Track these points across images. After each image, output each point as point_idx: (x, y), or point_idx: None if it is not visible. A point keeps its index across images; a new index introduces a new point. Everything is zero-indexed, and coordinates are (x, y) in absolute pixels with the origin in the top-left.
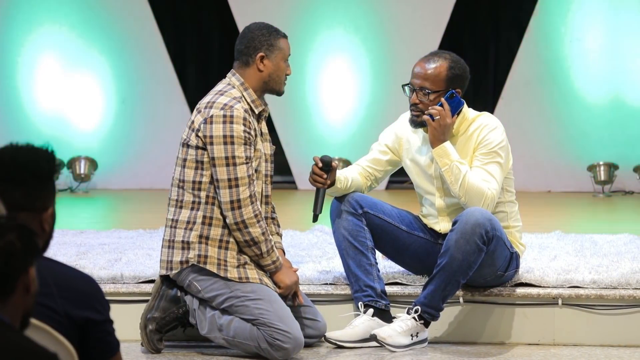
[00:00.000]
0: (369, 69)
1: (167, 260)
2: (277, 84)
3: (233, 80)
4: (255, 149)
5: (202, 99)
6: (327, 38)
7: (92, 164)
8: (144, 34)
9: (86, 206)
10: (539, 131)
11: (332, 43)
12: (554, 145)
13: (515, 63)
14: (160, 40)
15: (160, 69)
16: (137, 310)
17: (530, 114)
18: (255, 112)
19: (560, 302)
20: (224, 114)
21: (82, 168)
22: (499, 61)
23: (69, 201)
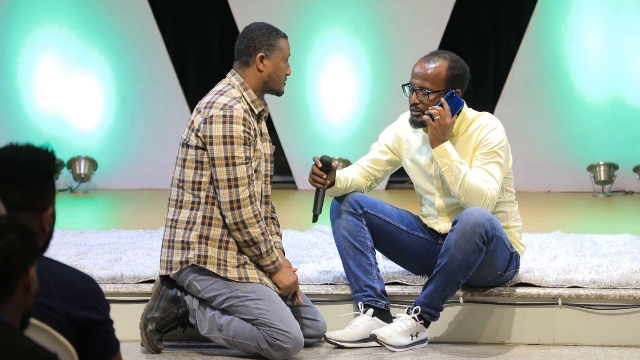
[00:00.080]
0: (369, 69)
1: (167, 260)
2: (277, 84)
3: (233, 80)
4: (255, 149)
5: (202, 99)
6: (327, 38)
7: (92, 164)
8: (144, 34)
9: (86, 206)
10: (539, 131)
11: (332, 43)
12: (554, 145)
13: (515, 63)
14: (160, 40)
15: (160, 69)
16: (137, 310)
17: (530, 114)
18: (255, 112)
19: (560, 302)
20: (223, 114)
21: (82, 168)
22: (499, 61)
23: (69, 201)
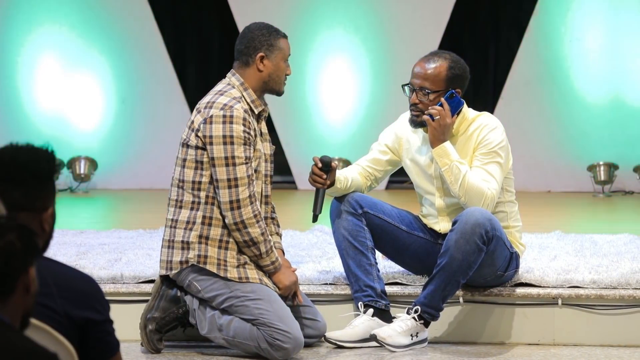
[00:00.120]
0: (369, 69)
1: (167, 260)
2: (277, 84)
3: (233, 80)
4: (254, 149)
5: (202, 99)
6: (327, 38)
7: (92, 164)
8: (144, 34)
9: (86, 206)
10: (539, 131)
11: (332, 43)
12: (554, 145)
13: (515, 63)
14: (160, 40)
15: (160, 69)
16: (137, 310)
17: (530, 114)
18: (255, 112)
19: (560, 302)
20: (223, 114)
21: (82, 168)
22: (499, 61)
23: (69, 201)
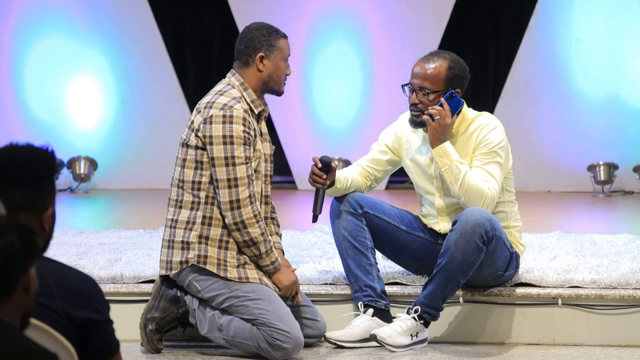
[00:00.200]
0: (369, 69)
1: (167, 260)
2: (277, 84)
3: (233, 80)
4: (254, 149)
5: (202, 99)
6: (327, 38)
7: (92, 164)
8: (144, 34)
9: (86, 206)
10: (539, 131)
11: (332, 43)
12: (554, 145)
13: (515, 63)
14: (160, 40)
15: (160, 69)
16: (137, 310)
17: (530, 114)
18: (255, 112)
19: (560, 302)
20: (223, 114)
21: (82, 168)
22: (499, 61)
23: (69, 201)
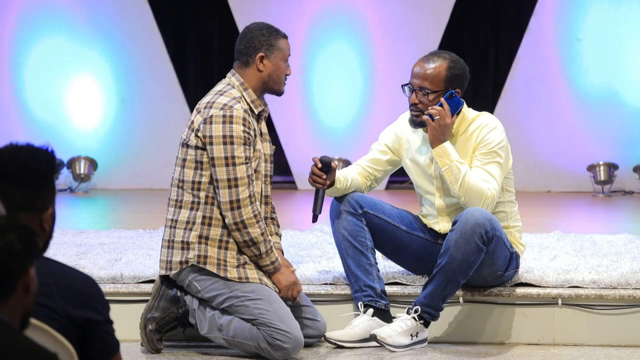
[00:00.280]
0: (369, 68)
1: (167, 260)
2: (277, 84)
3: (233, 80)
4: (254, 149)
5: (202, 99)
6: (327, 38)
7: (92, 164)
8: (144, 34)
9: (86, 206)
10: (539, 131)
11: (332, 43)
12: (554, 145)
13: (515, 63)
14: (160, 40)
15: (160, 69)
16: (137, 310)
17: (530, 114)
18: (255, 112)
19: (560, 302)
20: (223, 114)
21: (82, 168)
22: (499, 61)
23: (69, 201)
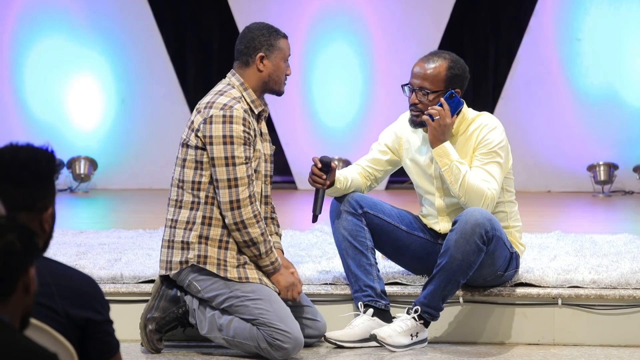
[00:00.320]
0: (369, 68)
1: (167, 260)
2: (277, 84)
3: (233, 80)
4: (254, 149)
5: (202, 99)
6: (327, 38)
7: (92, 164)
8: (144, 34)
9: (86, 206)
10: (538, 131)
11: (332, 43)
12: (553, 145)
13: (515, 63)
14: (160, 40)
15: (160, 69)
16: (137, 310)
17: (530, 114)
18: (255, 112)
19: (560, 302)
20: (223, 114)
21: (82, 168)
22: (499, 61)
23: (69, 201)
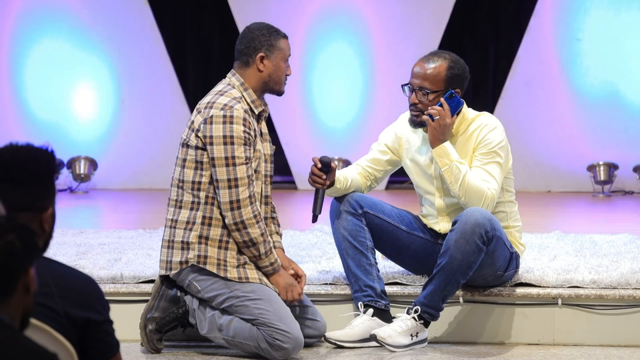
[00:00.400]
0: (369, 68)
1: (167, 260)
2: (277, 84)
3: (233, 80)
4: (254, 149)
5: (202, 99)
6: (327, 38)
7: (92, 164)
8: (144, 34)
9: (86, 206)
10: (538, 131)
11: (332, 43)
12: (553, 145)
13: (515, 63)
14: (160, 40)
15: (160, 69)
16: (137, 310)
17: (530, 114)
18: (255, 112)
19: (560, 302)
20: (223, 114)
21: (81, 168)
22: (499, 61)
23: (69, 201)
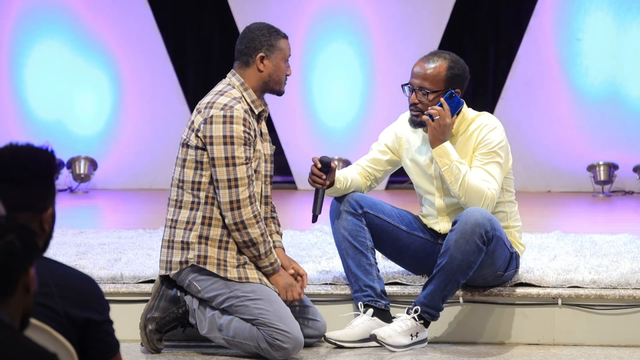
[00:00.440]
0: (369, 68)
1: (167, 260)
2: (277, 84)
3: (233, 80)
4: (254, 150)
5: (202, 99)
6: (327, 38)
7: (92, 164)
8: (144, 34)
9: (86, 206)
10: (538, 131)
11: (332, 43)
12: (553, 145)
13: (515, 63)
14: (160, 40)
15: (160, 69)
16: (137, 310)
17: (530, 114)
18: (255, 112)
19: (560, 302)
20: (224, 114)
21: (82, 168)
22: (499, 61)
23: (69, 201)
